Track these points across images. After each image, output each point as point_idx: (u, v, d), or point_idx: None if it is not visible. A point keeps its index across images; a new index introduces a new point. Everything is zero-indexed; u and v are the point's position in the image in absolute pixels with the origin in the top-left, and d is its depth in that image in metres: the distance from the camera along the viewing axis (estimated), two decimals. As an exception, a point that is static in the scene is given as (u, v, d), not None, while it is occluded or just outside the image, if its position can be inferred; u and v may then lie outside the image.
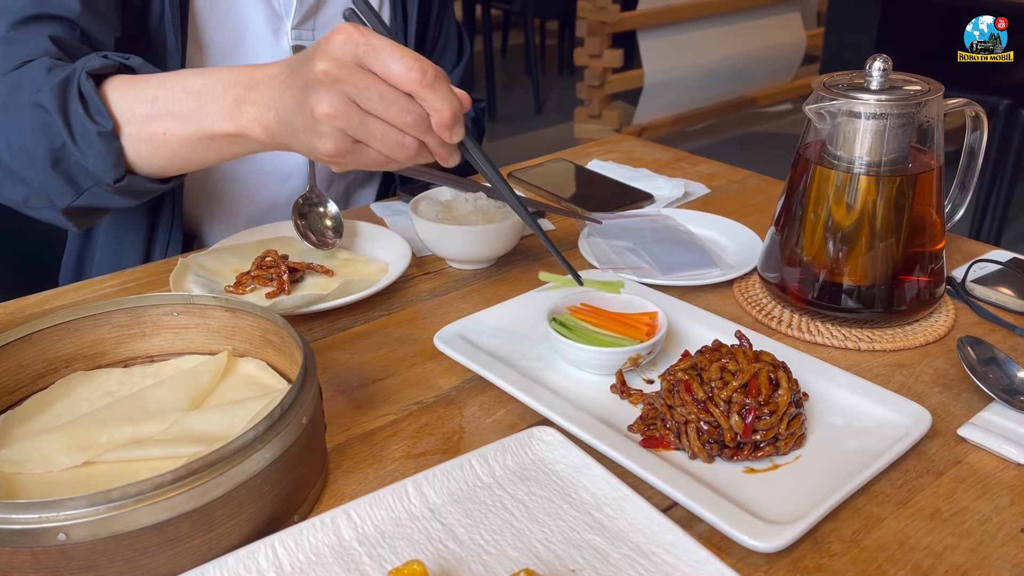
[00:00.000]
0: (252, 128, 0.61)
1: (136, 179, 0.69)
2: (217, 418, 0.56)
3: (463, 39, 1.15)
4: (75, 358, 0.62)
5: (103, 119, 0.65)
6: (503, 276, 0.83)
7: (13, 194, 0.72)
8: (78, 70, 0.67)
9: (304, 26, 0.94)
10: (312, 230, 0.85)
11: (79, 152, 0.66)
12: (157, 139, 0.65)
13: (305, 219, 0.86)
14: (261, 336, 0.62)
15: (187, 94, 0.64)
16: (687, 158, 1.13)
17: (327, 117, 0.54)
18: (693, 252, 0.81)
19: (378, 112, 0.54)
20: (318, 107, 0.54)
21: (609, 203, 0.95)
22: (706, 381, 0.56)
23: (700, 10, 3.46)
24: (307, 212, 0.87)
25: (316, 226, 0.86)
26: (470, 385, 0.66)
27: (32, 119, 0.67)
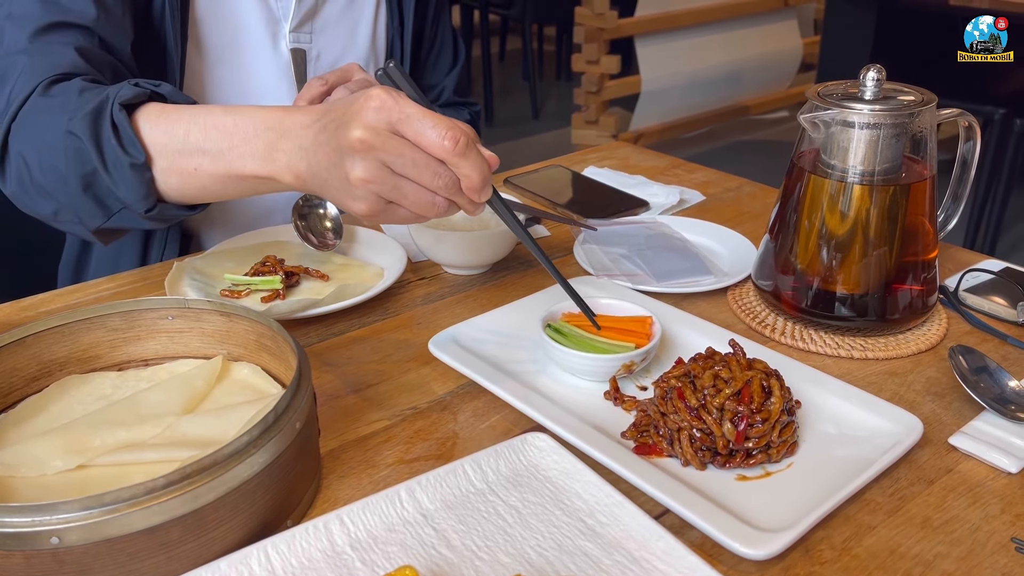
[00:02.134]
0: (283, 175, 0.62)
1: (167, 207, 0.70)
2: (211, 422, 0.56)
3: (458, 44, 1.16)
4: (69, 361, 0.62)
5: (136, 151, 0.66)
6: (498, 282, 0.83)
7: (43, 209, 0.73)
8: (111, 99, 0.67)
9: (302, 29, 0.95)
10: (312, 231, 0.85)
11: (111, 180, 0.67)
12: (188, 173, 0.66)
13: (305, 220, 0.86)
14: (256, 341, 0.62)
15: (219, 133, 0.64)
16: (683, 165, 1.13)
17: (363, 182, 0.55)
18: (688, 259, 0.82)
19: (411, 176, 0.55)
20: (353, 172, 0.55)
21: (604, 210, 0.95)
22: (699, 388, 0.56)
23: (697, 17, 3.48)
24: (307, 213, 0.87)
25: (316, 227, 0.86)
26: (464, 391, 0.66)
27: (65, 143, 0.68)
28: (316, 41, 0.97)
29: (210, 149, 0.64)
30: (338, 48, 0.98)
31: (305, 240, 0.84)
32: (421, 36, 1.09)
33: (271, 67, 0.94)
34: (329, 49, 0.97)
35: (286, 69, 0.95)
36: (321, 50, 0.97)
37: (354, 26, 0.99)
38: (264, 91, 0.95)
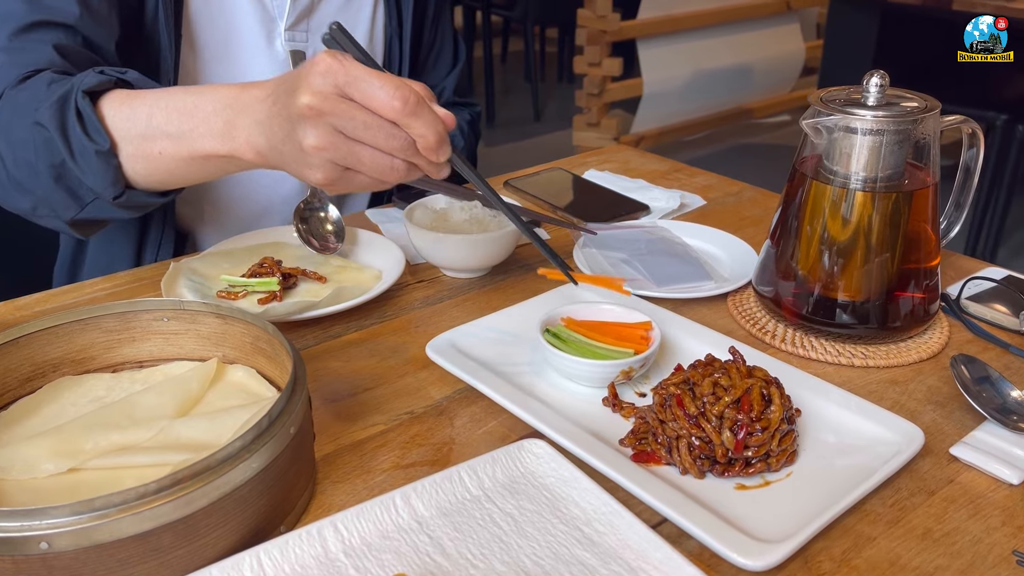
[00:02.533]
0: (244, 152, 0.62)
1: (136, 194, 0.69)
2: (204, 426, 0.55)
3: (459, 44, 1.15)
4: (63, 362, 0.61)
5: (100, 138, 0.66)
6: (497, 285, 0.82)
7: (21, 204, 0.73)
8: (75, 87, 0.67)
9: (298, 28, 0.94)
10: (313, 235, 0.85)
11: (79, 169, 0.67)
12: (153, 157, 0.66)
13: (306, 224, 0.85)
14: (252, 343, 0.62)
15: (179, 114, 0.64)
16: (684, 169, 1.13)
17: (315, 149, 0.55)
18: (688, 264, 0.81)
19: (365, 139, 0.55)
20: (306, 140, 0.55)
21: (605, 213, 0.95)
22: (698, 396, 0.55)
23: (700, 20, 3.47)
24: (308, 217, 0.86)
25: (317, 231, 0.85)
26: (461, 395, 0.65)
27: (34, 135, 0.68)
28: (312, 40, 0.96)
29: (172, 131, 0.64)
30: None
31: (307, 243, 0.83)
32: (420, 37, 1.09)
33: (267, 66, 0.93)
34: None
35: (282, 68, 0.94)
36: (317, 49, 0.96)
37: (351, 25, 0.99)
38: None
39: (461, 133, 1.11)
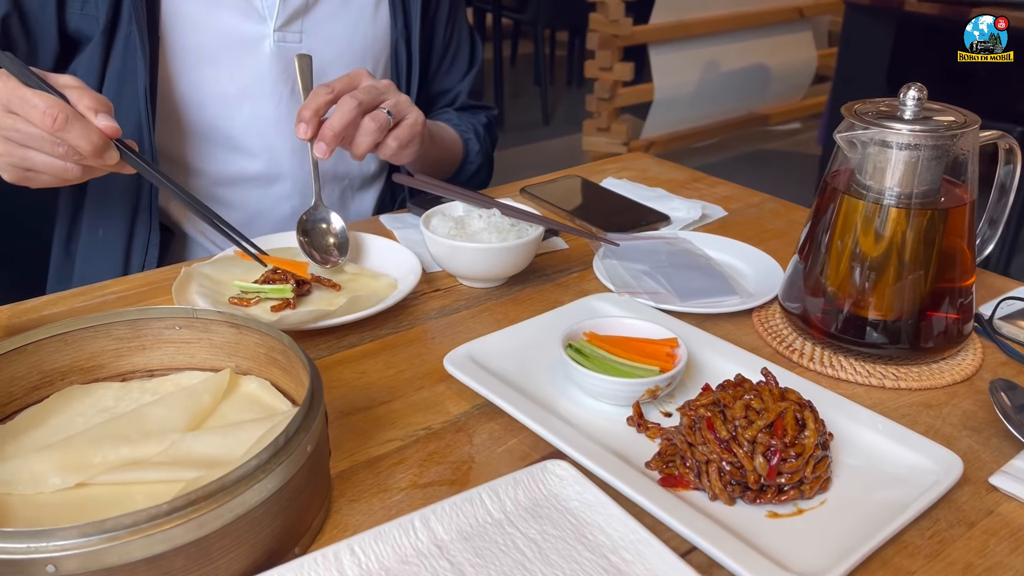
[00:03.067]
0: None
1: None
2: (217, 441, 0.53)
3: (475, 47, 1.13)
4: (71, 371, 0.60)
5: None
6: (515, 296, 0.80)
7: None
8: None
9: (289, 28, 0.92)
10: (316, 248, 0.83)
11: None
12: None
13: (308, 236, 0.83)
14: (266, 354, 0.60)
15: None
16: (703, 179, 1.11)
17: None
18: (712, 278, 0.79)
19: (34, 147, 0.65)
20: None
21: (624, 223, 0.93)
22: (729, 419, 0.53)
23: (712, 26, 3.46)
24: (310, 229, 0.84)
25: (320, 244, 0.83)
26: (480, 411, 0.63)
27: None
28: (306, 41, 0.94)
29: None
30: (331, 49, 0.96)
31: (309, 256, 0.81)
32: (432, 39, 1.07)
33: (254, 68, 0.92)
34: (322, 50, 0.94)
35: (270, 70, 0.92)
36: (312, 50, 0.94)
37: (351, 26, 0.97)
38: (247, 92, 0.93)
39: (477, 137, 1.09)
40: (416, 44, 1.02)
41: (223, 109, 0.93)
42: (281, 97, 0.94)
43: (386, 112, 0.82)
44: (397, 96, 0.84)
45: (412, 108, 0.86)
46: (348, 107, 0.79)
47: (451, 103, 1.13)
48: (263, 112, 0.94)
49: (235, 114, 0.94)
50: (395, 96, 0.84)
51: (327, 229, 0.84)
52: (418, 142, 0.87)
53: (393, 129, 0.83)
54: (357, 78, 0.83)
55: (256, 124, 0.95)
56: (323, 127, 0.79)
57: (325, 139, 0.79)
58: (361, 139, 0.81)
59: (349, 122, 0.79)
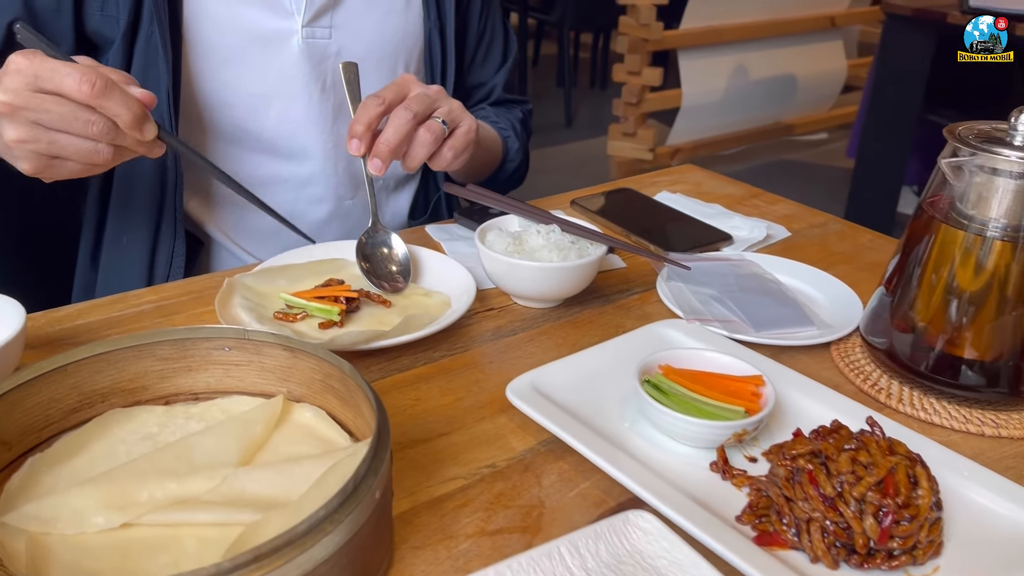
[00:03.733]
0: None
1: None
2: (272, 478, 0.49)
3: (509, 41, 1.09)
4: (113, 392, 0.55)
5: None
6: (573, 318, 0.76)
7: None
8: None
9: (318, 23, 0.88)
10: (378, 274, 0.77)
11: None
12: None
13: (369, 262, 0.78)
14: (322, 381, 0.55)
15: None
16: (761, 195, 1.06)
17: (17, 143, 0.60)
18: (786, 306, 0.74)
19: (64, 128, 0.59)
20: (6, 135, 0.59)
21: (684, 242, 0.88)
22: (834, 473, 0.49)
23: (743, 33, 3.40)
24: (371, 254, 0.79)
25: (382, 270, 0.78)
26: (546, 448, 0.59)
27: None
28: (336, 37, 0.89)
29: None
30: (362, 44, 0.91)
31: (372, 284, 0.76)
32: (466, 30, 1.02)
33: (282, 66, 0.87)
34: (352, 46, 0.90)
35: (298, 67, 0.88)
36: (342, 46, 0.90)
37: (381, 20, 0.92)
38: (276, 92, 0.89)
39: (516, 134, 1.05)
40: (451, 36, 0.97)
41: (250, 110, 0.89)
42: (311, 96, 0.90)
43: (440, 121, 0.77)
44: (449, 103, 0.80)
45: (465, 114, 0.81)
46: (403, 120, 0.75)
47: (486, 98, 1.09)
48: (293, 112, 0.90)
49: (263, 115, 0.89)
50: (447, 103, 0.80)
51: (389, 254, 0.79)
52: (471, 149, 0.82)
53: (447, 139, 0.79)
54: (406, 85, 0.78)
55: (286, 125, 0.90)
56: (378, 142, 0.75)
57: (380, 155, 0.75)
58: (416, 151, 0.76)
59: (405, 136, 0.75)
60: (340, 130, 0.94)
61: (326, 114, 0.92)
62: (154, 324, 0.72)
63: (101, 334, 0.70)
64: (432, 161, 0.80)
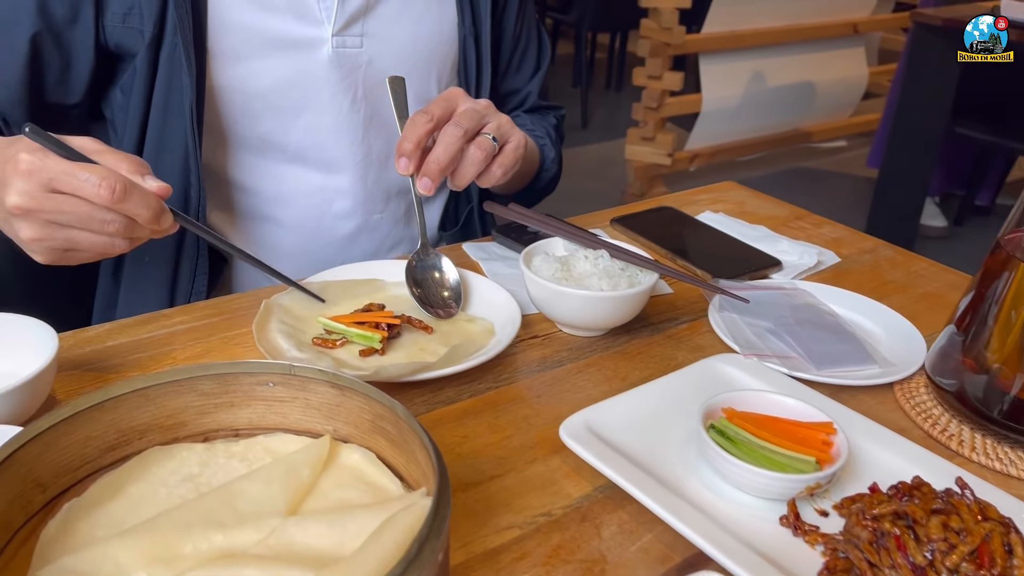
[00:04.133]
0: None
1: None
2: (323, 531, 0.46)
3: (543, 46, 1.06)
4: (151, 429, 0.52)
5: None
6: (622, 348, 0.73)
7: None
8: None
9: (349, 31, 0.84)
10: (431, 300, 0.74)
11: None
12: None
13: (421, 287, 0.75)
14: (371, 422, 0.52)
15: None
16: (806, 217, 1.02)
17: (32, 240, 0.59)
18: (845, 341, 0.71)
19: (80, 226, 0.58)
20: (21, 233, 0.59)
21: (732, 268, 0.85)
22: (923, 540, 0.45)
23: (765, 38, 3.36)
24: (422, 279, 0.76)
25: (435, 297, 0.75)
26: (604, 494, 0.56)
27: None
28: (368, 45, 0.86)
29: None
30: (394, 52, 0.88)
31: (425, 310, 0.73)
32: (501, 35, 0.99)
33: (311, 76, 0.84)
34: (384, 54, 0.87)
35: (327, 77, 0.85)
36: (374, 55, 0.87)
37: (415, 26, 0.89)
38: (304, 103, 0.86)
39: (552, 142, 1.03)
40: (487, 42, 0.94)
41: (278, 122, 0.86)
42: (341, 107, 0.87)
43: (491, 138, 0.74)
44: (498, 118, 0.77)
45: (514, 130, 0.78)
46: (453, 137, 0.72)
47: (520, 105, 1.06)
48: (322, 123, 0.87)
49: (290, 127, 0.86)
50: (496, 118, 0.77)
51: (441, 279, 0.76)
52: (516, 169, 0.79)
53: (497, 155, 0.76)
54: (454, 100, 0.75)
55: (314, 136, 0.87)
56: (428, 161, 0.72)
57: (430, 174, 0.72)
58: (466, 169, 0.73)
59: (455, 154, 0.72)
60: (371, 141, 0.91)
61: (356, 125, 0.89)
62: (186, 346, 0.69)
63: (131, 357, 0.67)
64: (480, 179, 0.76)
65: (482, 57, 0.95)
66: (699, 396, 0.63)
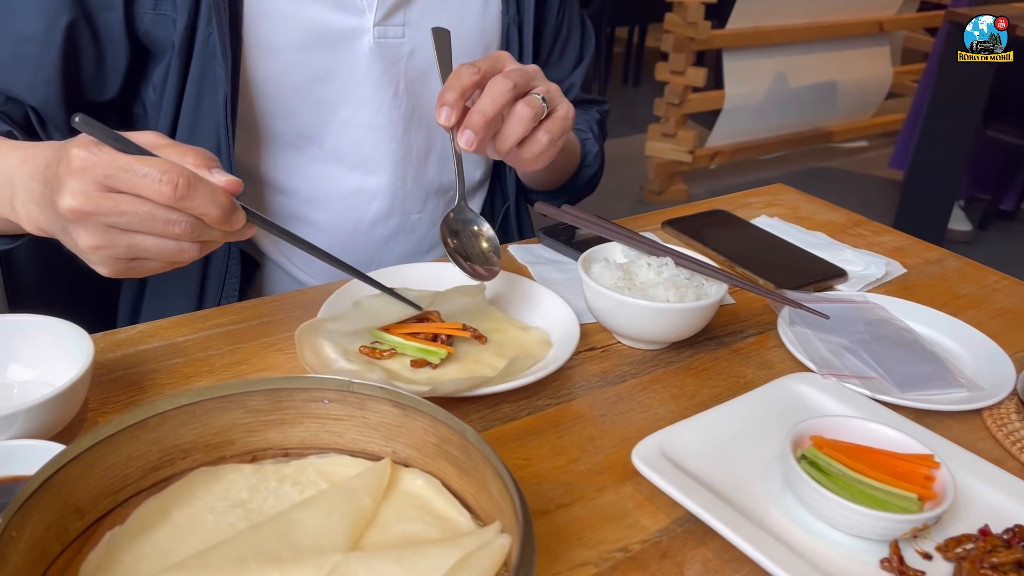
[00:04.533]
0: (29, 227, 0.58)
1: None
2: (391, 569, 0.42)
3: (587, 36, 1.00)
4: (196, 448, 0.48)
5: None
6: (686, 363, 0.68)
7: None
8: None
9: (390, 20, 0.80)
10: (468, 253, 0.67)
11: None
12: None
13: (457, 238, 0.68)
14: (436, 445, 0.48)
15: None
16: (864, 223, 0.97)
17: (92, 249, 0.52)
18: (927, 361, 0.66)
19: (143, 230, 0.52)
20: (80, 241, 0.52)
21: (795, 278, 0.80)
22: (1057, 596, 0.41)
23: (790, 35, 3.30)
24: (460, 230, 0.69)
25: (474, 249, 0.68)
26: (683, 527, 0.51)
27: None
28: (410, 35, 0.81)
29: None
30: None
31: (460, 267, 0.66)
32: (544, 24, 0.94)
33: (351, 69, 0.79)
34: (426, 44, 0.82)
35: (367, 70, 0.80)
36: (416, 46, 0.82)
37: (458, 16, 0.84)
38: (343, 97, 0.81)
39: (592, 134, 0.98)
40: (529, 31, 0.89)
41: (314, 117, 0.81)
42: (381, 102, 0.82)
43: (541, 98, 0.67)
44: (547, 83, 0.70)
45: (563, 99, 0.71)
46: (502, 88, 0.64)
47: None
48: (361, 119, 0.82)
49: (328, 122, 0.82)
50: (545, 83, 0.70)
51: (478, 231, 0.69)
52: (562, 142, 0.73)
53: (545, 119, 0.68)
54: (501, 60, 0.69)
55: (352, 132, 0.83)
56: (471, 111, 0.64)
57: (473, 126, 0.64)
58: (512, 128, 0.66)
59: (502, 107, 0.65)
60: (411, 139, 0.86)
61: (396, 122, 0.84)
62: (224, 352, 0.65)
63: (166, 363, 0.63)
64: (524, 145, 0.68)
65: (524, 47, 0.90)
66: (778, 420, 0.59)
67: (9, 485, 0.47)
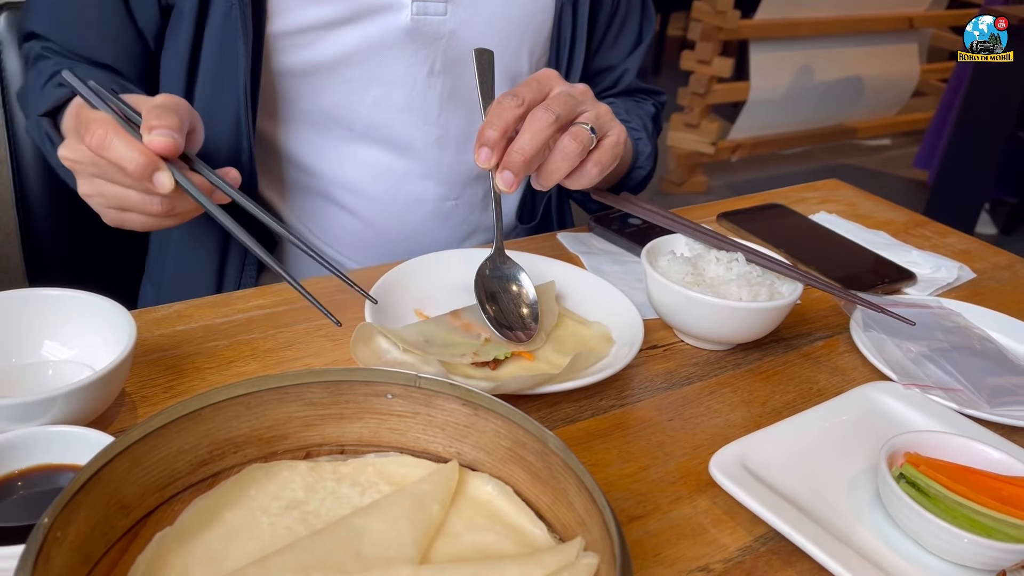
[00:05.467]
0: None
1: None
2: (466, 587, 0.38)
3: (647, 18, 0.93)
4: (248, 441, 0.44)
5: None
6: (754, 366, 0.64)
7: None
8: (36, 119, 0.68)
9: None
10: (508, 321, 0.61)
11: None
12: None
13: (496, 303, 0.62)
14: (508, 449, 0.44)
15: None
16: (927, 224, 0.93)
17: (85, 196, 0.58)
18: (1013, 373, 0.62)
19: (106, 177, 0.55)
20: (79, 188, 0.58)
21: (863, 279, 0.76)
22: None
23: (819, 28, 3.23)
24: (497, 292, 0.62)
25: (513, 316, 0.61)
26: (767, 546, 0.47)
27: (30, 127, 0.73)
28: (452, 13, 0.76)
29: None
30: (482, 22, 0.77)
31: (497, 331, 0.60)
32: (599, 4, 0.88)
33: (385, 47, 0.75)
34: (472, 23, 0.77)
35: (403, 48, 0.75)
36: (459, 24, 0.76)
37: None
38: (375, 75, 0.76)
39: (646, 132, 0.90)
40: (584, 11, 0.83)
41: (344, 96, 0.76)
42: (416, 81, 0.77)
43: (588, 128, 0.62)
44: (596, 107, 0.65)
45: (614, 122, 0.66)
46: (543, 123, 0.59)
47: (614, 85, 0.94)
48: (392, 99, 0.78)
49: (358, 101, 0.77)
50: (594, 107, 0.64)
51: (519, 294, 0.63)
52: (616, 164, 0.68)
53: (593, 151, 0.63)
54: (547, 83, 0.63)
55: (383, 113, 0.78)
56: (510, 151, 0.59)
57: (513, 166, 0.59)
58: (556, 164, 0.61)
59: (544, 141, 0.59)
60: (447, 120, 0.81)
61: (431, 102, 0.79)
62: (267, 336, 0.61)
63: (207, 345, 0.59)
64: (571, 178, 0.63)
65: (578, 28, 0.85)
66: (861, 431, 0.55)
67: (45, 474, 0.43)
